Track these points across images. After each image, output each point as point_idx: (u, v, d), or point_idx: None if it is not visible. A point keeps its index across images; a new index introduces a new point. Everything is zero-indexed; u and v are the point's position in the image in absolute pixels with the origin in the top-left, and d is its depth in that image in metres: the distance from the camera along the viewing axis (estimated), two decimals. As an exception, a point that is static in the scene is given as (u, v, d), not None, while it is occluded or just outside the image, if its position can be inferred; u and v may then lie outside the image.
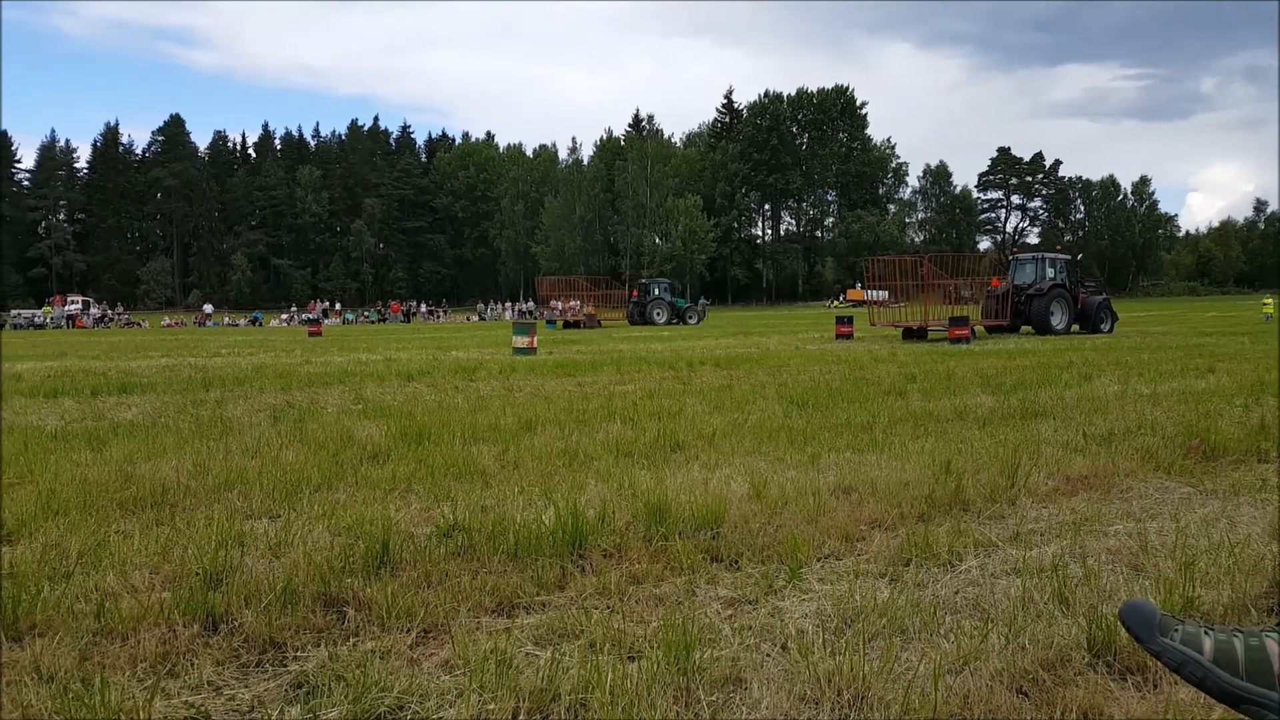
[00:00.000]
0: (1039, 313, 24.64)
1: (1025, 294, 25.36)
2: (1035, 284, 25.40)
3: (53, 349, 24.36)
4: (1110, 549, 3.66)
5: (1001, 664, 2.55)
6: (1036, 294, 25.07)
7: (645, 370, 12.68)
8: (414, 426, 6.79)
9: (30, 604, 2.89)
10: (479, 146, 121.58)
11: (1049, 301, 24.81)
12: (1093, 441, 6.04)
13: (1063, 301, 25.08)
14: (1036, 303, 24.91)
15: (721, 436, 6.30)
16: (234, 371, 13.27)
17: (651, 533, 3.77)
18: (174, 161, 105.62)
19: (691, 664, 2.53)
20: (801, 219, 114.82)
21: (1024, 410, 7.67)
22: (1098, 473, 5.04)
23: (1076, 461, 5.35)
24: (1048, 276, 25.57)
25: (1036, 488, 4.72)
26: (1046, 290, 24.93)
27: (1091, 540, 3.80)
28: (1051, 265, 26.16)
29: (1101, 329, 25.47)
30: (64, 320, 60.50)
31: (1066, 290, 25.28)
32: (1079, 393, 8.95)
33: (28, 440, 6.32)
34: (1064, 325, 24.90)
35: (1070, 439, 6.16)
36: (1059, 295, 25.05)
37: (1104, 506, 4.39)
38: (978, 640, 2.71)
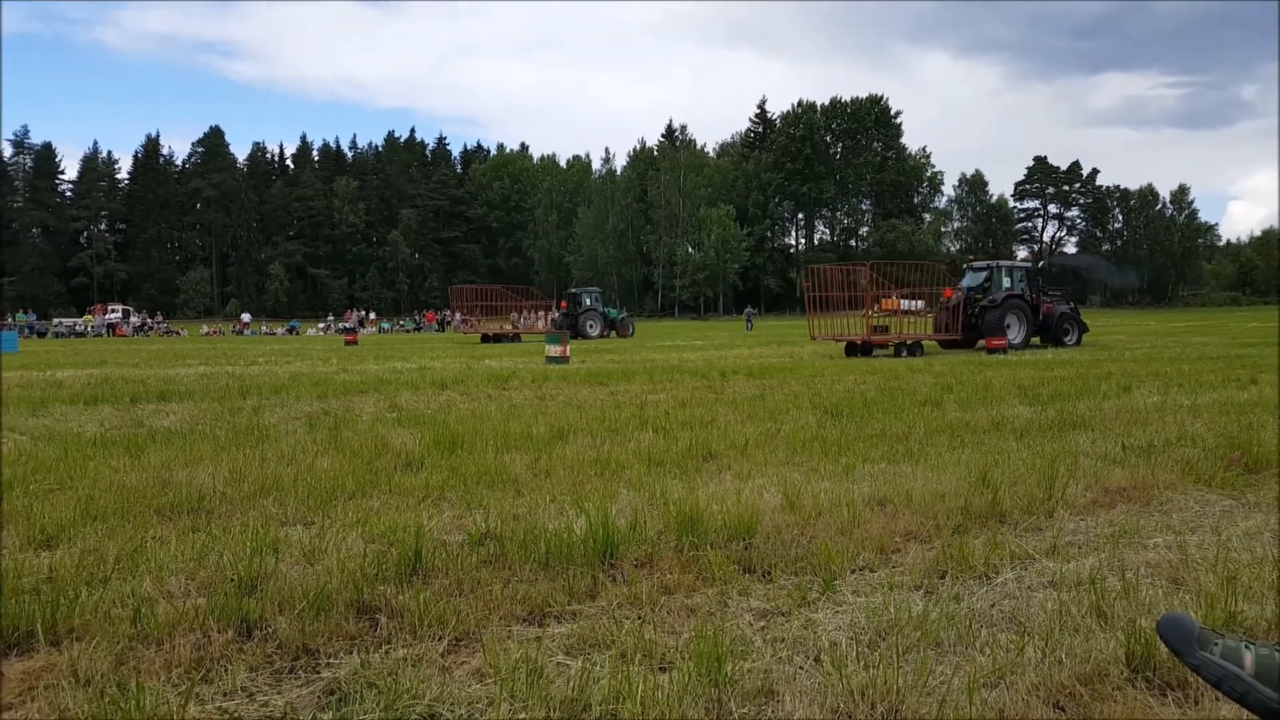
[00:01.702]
0: (991, 326, 22.63)
1: (979, 305, 23.39)
2: (989, 295, 23.53)
3: (93, 357, 24.79)
4: (1149, 562, 3.59)
5: (1038, 678, 2.51)
6: (990, 305, 23.09)
7: (678, 379, 12.66)
8: (447, 435, 6.82)
9: (69, 608, 2.93)
10: (513, 157, 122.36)
11: (1002, 313, 22.94)
12: (1132, 453, 5.94)
13: (1019, 313, 23.34)
14: (989, 315, 22.90)
15: (754, 446, 6.27)
16: (271, 380, 13.42)
17: (683, 543, 3.75)
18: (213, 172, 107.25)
19: (723, 675, 2.51)
20: (835, 228, 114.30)
21: (1062, 421, 7.56)
22: (1137, 485, 4.95)
23: (1115, 473, 5.26)
24: (1003, 286, 23.78)
25: (1074, 500, 4.65)
26: (1000, 301, 23.06)
27: (1130, 553, 3.73)
28: (1008, 274, 24.31)
29: (1065, 341, 23.75)
30: (104, 328, 61.53)
31: (1025, 301, 23.56)
32: (1118, 404, 8.82)
33: (67, 447, 6.42)
34: (1020, 339, 23.06)
35: (1109, 450, 6.06)
36: (1014, 307, 23.29)
37: (1143, 519, 4.32)
38: (1013, 654, 2.66)
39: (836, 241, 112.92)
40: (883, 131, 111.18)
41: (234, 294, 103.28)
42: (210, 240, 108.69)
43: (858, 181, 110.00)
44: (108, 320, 63.65)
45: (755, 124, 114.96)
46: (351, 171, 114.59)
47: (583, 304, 41.71)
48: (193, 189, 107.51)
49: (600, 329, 40.92)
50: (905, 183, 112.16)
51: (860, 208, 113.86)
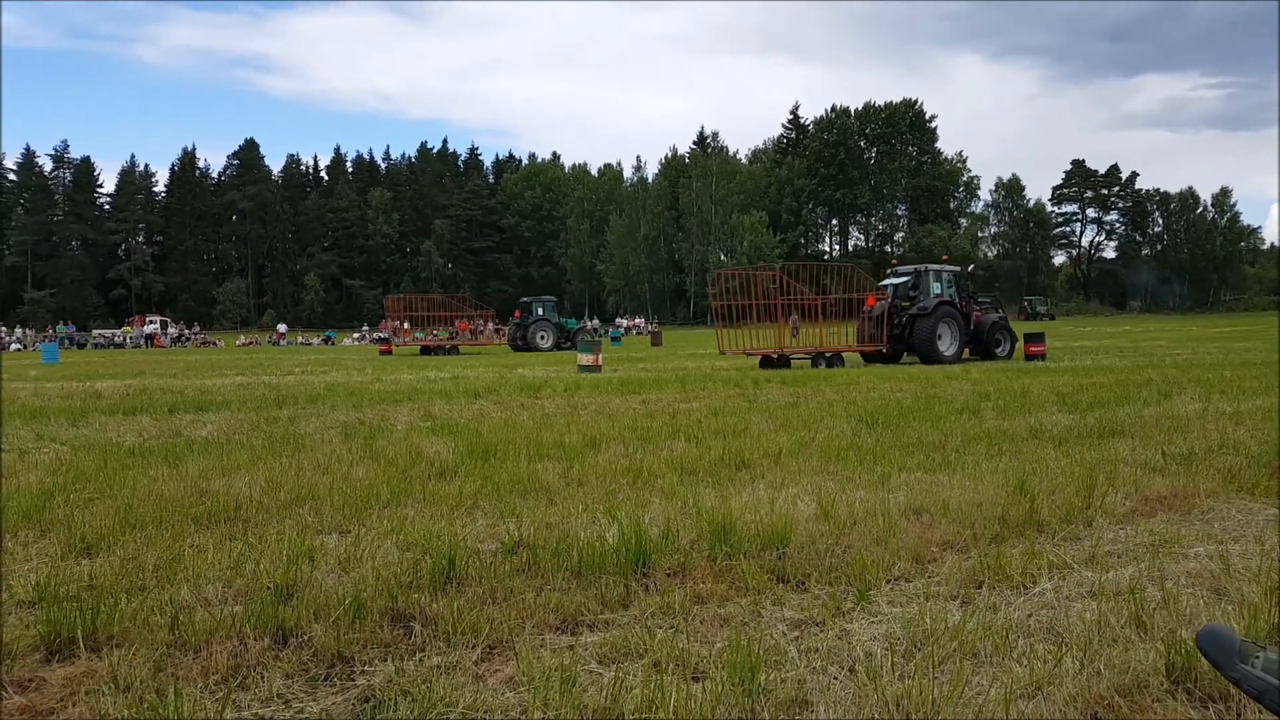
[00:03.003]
0: (922, 336, 20.68)
1: (907, 314, 21.29)
2: (918, 302, 21.37)
3: (132, 368, 25.19)
4: (1190, 572, 3.52)
5: (1075, 689, 2.47)
6: (920, 314, 20.93)
7: (710, 388, 12.64)
8: (480, 443, 6.86)
9: (108, 615, 2.97)
10: (545, 167, 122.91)
11: (934, 323, 20.74)
12: (1172, 461, 5.85)
13: (951, 323, 21.14)
14: (920, 324, 20.82)
15: (788, 455, 6.24)
16: (307, 389, 13.56)
17: (716, 552, 3.74)
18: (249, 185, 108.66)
19: (757, 685, 2.49)
20: (870, 234, 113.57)
21: (1101, 429, 7.46)
22: (1178, 493, 4.87)
23: (1155, 481, 5.18)
24: (932, 293, 21.50)
25: (1113, 508, 4.58)
26: (931, 309, 20.86)
27: (1170, 563, 3.67)
28: (937, 279, 21.97)
29: (997, 353, 21.63)
30: (143, 339, 62.55)
31: (956, 309, 21.40)
32: (1158, 411, 8.68)
33: (107, 456, 6.52)
34: (953, 351, 21.03)
35: (1149, 458, 5.97)
36: (946, 315, 21.06)
37: (1184, 528, 4.25)
38: (1051, 665, 2.62)
39: (871, 247, 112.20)
40: (917, 136, 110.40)
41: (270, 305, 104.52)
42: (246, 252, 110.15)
43: (892, 186, 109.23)
44: (146, 331, 64.72)
45: (788, 130, 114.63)
46: (385, 182, 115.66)
47: (534, 314, 38.71)
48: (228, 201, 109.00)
49: (553, 341, 38.07)
50: (941, 187, 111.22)
51: (895, 213, 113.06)
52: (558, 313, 40.10)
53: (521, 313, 38.98)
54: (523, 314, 38.79)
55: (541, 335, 37.79)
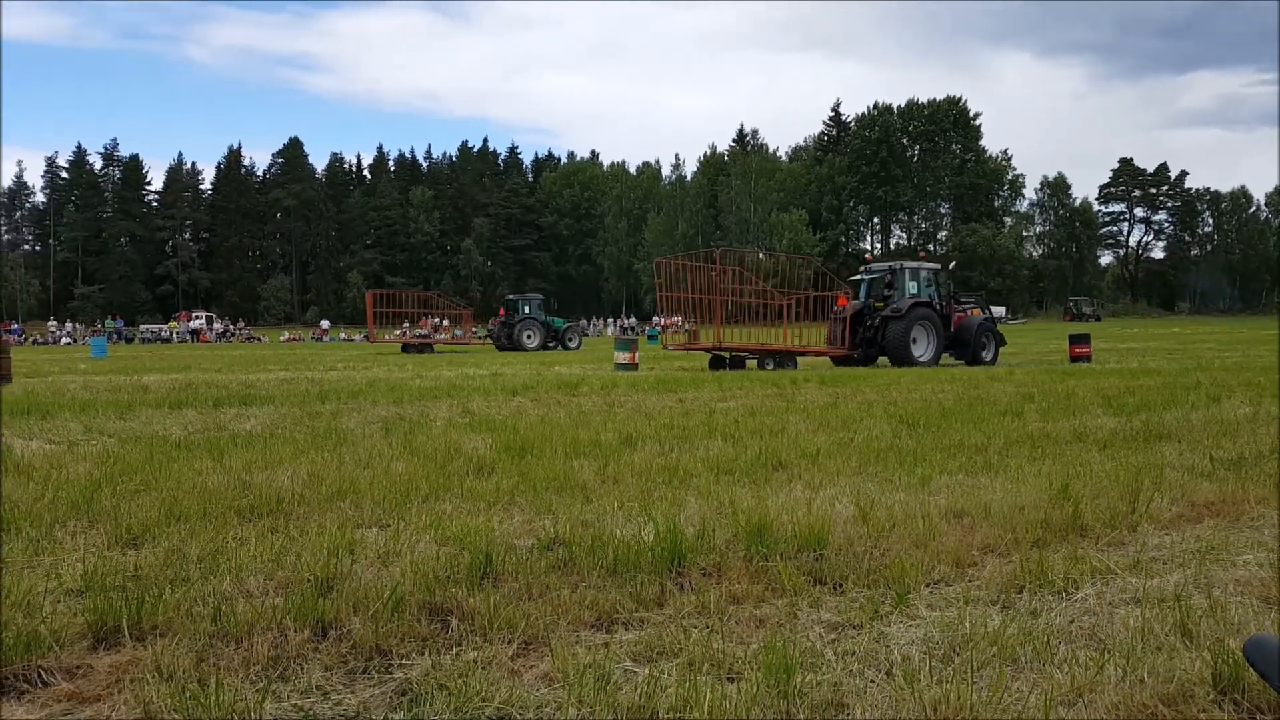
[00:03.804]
0: (895, 339, 19.42)
1: (879, 315, 20.01)
2: (891, 303, 20.15)
3: (178, 362, 25.64)
4: (1239, 580, 3.45)
5: (1118, 697, 2.43)
6: (893, 315, 19.65)
7: (747, 387, 12.59)
8: (518, 440, 6.89)
9: (153, 605, 3.02)
10: (583, 165, 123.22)
11: (908, 325, 19.50)
12: (1221, 466, 5.73)
13: (927, 325, 19.87)
14: (892, 326, 19.55)
15: (826, 456, 6.20)
16: (348, 385, 13.72)
17: (752, 552, 3.72)
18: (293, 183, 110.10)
19: (792, 687, 2.48)
20: (913, 232, 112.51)
21: (1147, 432, 7.33)
22: (1226, 499, 4.77)
23: (1203, 487, 5.08)
24: (908, 292, 20.24)
25: (1159, 514, 4.50)
26: (905, 311, 19.59)
27: (1218, 570, 3.60)
28: (913, 278, 20.65)
29: (982, 358, 20.22)
30: (189, 335, 63.64)
31: (934, 310, 20.16)
32: (1206, 414, 8.51)
33: (153, 449, 6.64)
34: (929, 355, 19.69)
35: (1196, 463, 5.85)
36: (922, 317, 19.81)
37: (1232, 534, 4.16)
38: (1093, 672, 2.58)
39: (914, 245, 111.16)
40: (961, 134, 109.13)
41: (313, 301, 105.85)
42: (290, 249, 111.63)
43: (935, 185, 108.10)
44: (192, 326, 65.85)
45: (829, 127, 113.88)
46: (427, 181, 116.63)
47: (520, 312, 37.33)
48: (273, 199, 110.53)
49: (540, 340, 36.72)
50: (985, 186, 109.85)
51: (939, 211, 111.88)
52: (544, 311, 38.91)
53: (507, 311, 37.83)
54: (508, 312, 37.65)
55: (528, 334, 36.58)
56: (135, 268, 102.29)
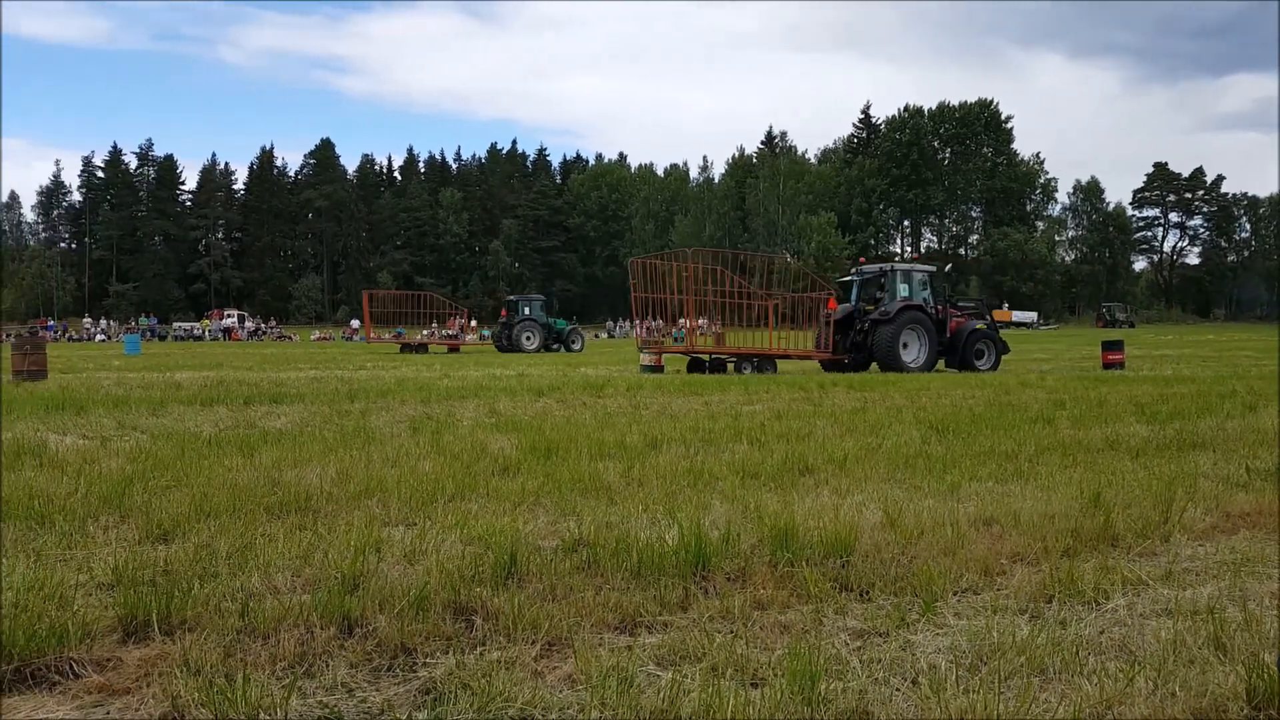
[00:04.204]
0: (883, 344, 18.76)
1: (869, 319, 19.40)
2: (881, 306, 19.51)
3: (210, 360, 25.92)
4: (1275, 592, 3.39)
5: (1148, 710, 2.39)
6: (882, 319, 19.00)
7: (774, 390, 12.55)
8: (543, 441, 6.90)
9: (182, 600, 3.05)
10: (611, 167, 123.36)
11: (897, 330, 18.88)
12: (1257, 476, 5.63)
13: (919, 330, 19.20)
14: (881, 330, 18.90)
15: (854, 461, 6.16)
16: (377, 384, 13.81)
17: (778, 558, 3.70)
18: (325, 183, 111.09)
19: (816, 695, 2.46)
20: (944, 236, 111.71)
21: (1181, 441, 7.23)
22: (1262, 510, 4.69)
23: (1238, 497, 4.99)
24: (898, 295, 19.56)
25: (1193, 524, 4.43)
26: (894, 314, 18.94)
27: (1253, 582, 3.53)
28: (905, 280, 19.93)
29: (978, 365, 19.49)
30: (221, 333, 64.36)
31: (926, 314, 19.45)
32: (1242, 424, 8.37)
33: (184, 446, 6.71)
34: (921, 360, 19.02)
35: (1232, 473, 5.76)
36: (913, 321, 19.15)
37: (1268, 546, 4.09)
38: (1123, 684, 2.54)
39: (945, 249, 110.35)
40: (993, 136, 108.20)
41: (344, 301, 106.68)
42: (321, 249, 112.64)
43: (967, 188, 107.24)
44: (224, 325, 66.57)
45: (859, 129, 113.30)
46: (456, 183, 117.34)
47: (520, 313, 36.89)
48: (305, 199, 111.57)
49: (540, 342, 36.09)
50: (1017, 189, 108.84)
51: (970, 215, 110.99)
52: (546, 312, 38.43)
53: (509, 312, 37.51)
54: (510, 313, 37.29)
55: (527, 336, 36.06)
56: (169, 266, 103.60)
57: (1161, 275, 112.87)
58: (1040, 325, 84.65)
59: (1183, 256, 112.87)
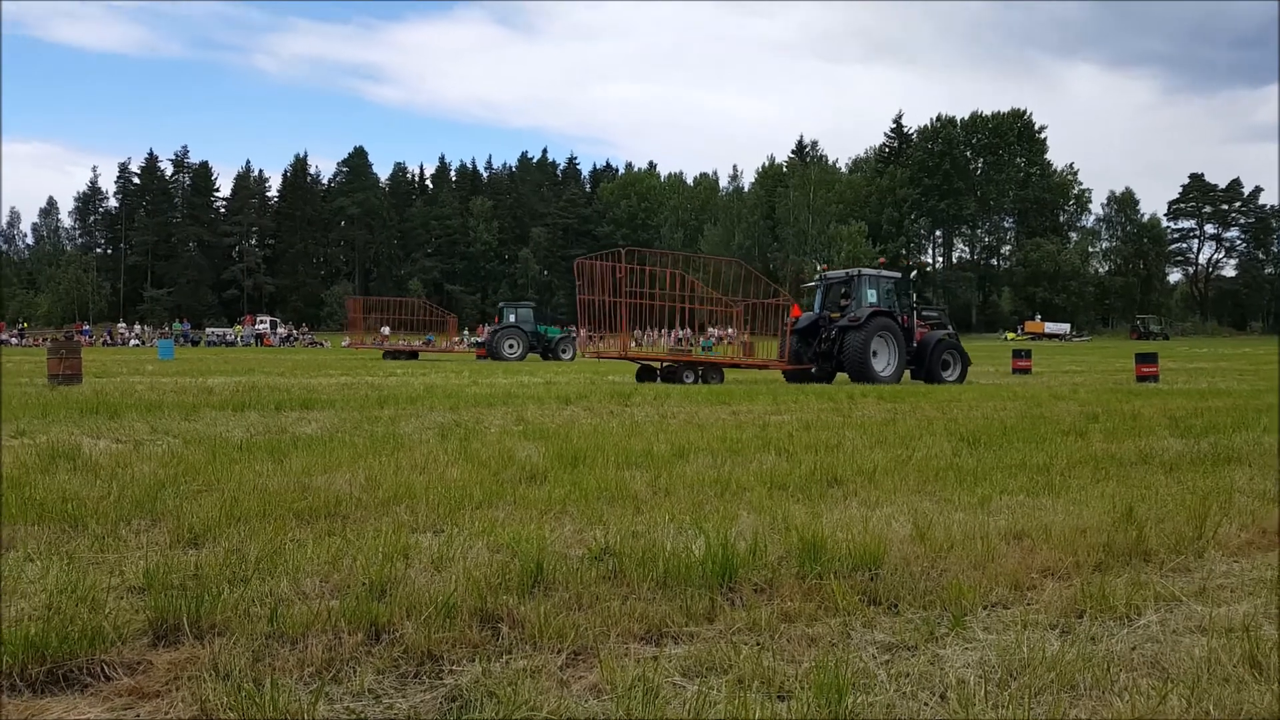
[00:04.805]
0: (853, 352, 17.87)
1: (836, 326, 18.54)
2: (848, 313, 18.57)
3: (242, 365, 26.20)
4: (1314, 612, 3.32)
5: (1184, 730, 2.35)
6: (851, 325, 18.13)
7: (803, 400, 12.50)
8: (570, 449, 6.91)
9: (212, 604, 3.08)
10: (641, 176, 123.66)
11: (867, 338, 17.98)
12: (1295, 492, 5.52)
13: (889, 338, 18.41)
14: (850, 337, 18.00)
15: (883, 473, 6.11)
16: (406, 391, 13.89)
17: (806, 570, 3.68)
18: (357, 191, 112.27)
19: (844, 708, 2.44)
20: (976, 246, 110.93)
21: (1216, 455, 7.11)
22: (1301, 527, 4.60)
23: (1274, 513, 4.90)
24: (866, 301, 18.71)
25: (1227, 540, 4.35)
26: (864, 320, 18.06)
27: (1292, 601, 3.46)
28: (873, 286, 19.10)
29: (944, 377, 18.92)
30: (253, 338, 65.15)
31: (895, 321, 18.64)
32: None
33: (215, 450, 6.78)
34: (891, 370, 18.28)
35: (1268, 488, 5.66)
36: (883, 328, 18.31)
37: (1308, 564, 4.00)
38: (1155, 701, 2.50)
39: (977, 260, 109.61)
40: (1026, 147, 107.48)
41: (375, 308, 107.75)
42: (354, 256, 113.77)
43: (999, 198, 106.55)
44: (256, 331, 67.33)
45: (891, 138, 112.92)
46: (486, 191, 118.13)
47: (505, 320, 35.95)
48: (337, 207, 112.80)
49: (523, 350, 34.91)
50: (1050, 200, 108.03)
51: (1002, 225, 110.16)
52: (538, 319, 37.34)
53: (500, 319, 36.62)
54: (501, 319, 36.38)
55: (509, 344, 34.93)
56: (203, 272, 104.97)
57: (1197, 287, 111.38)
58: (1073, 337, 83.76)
59: (1219, 269, 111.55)
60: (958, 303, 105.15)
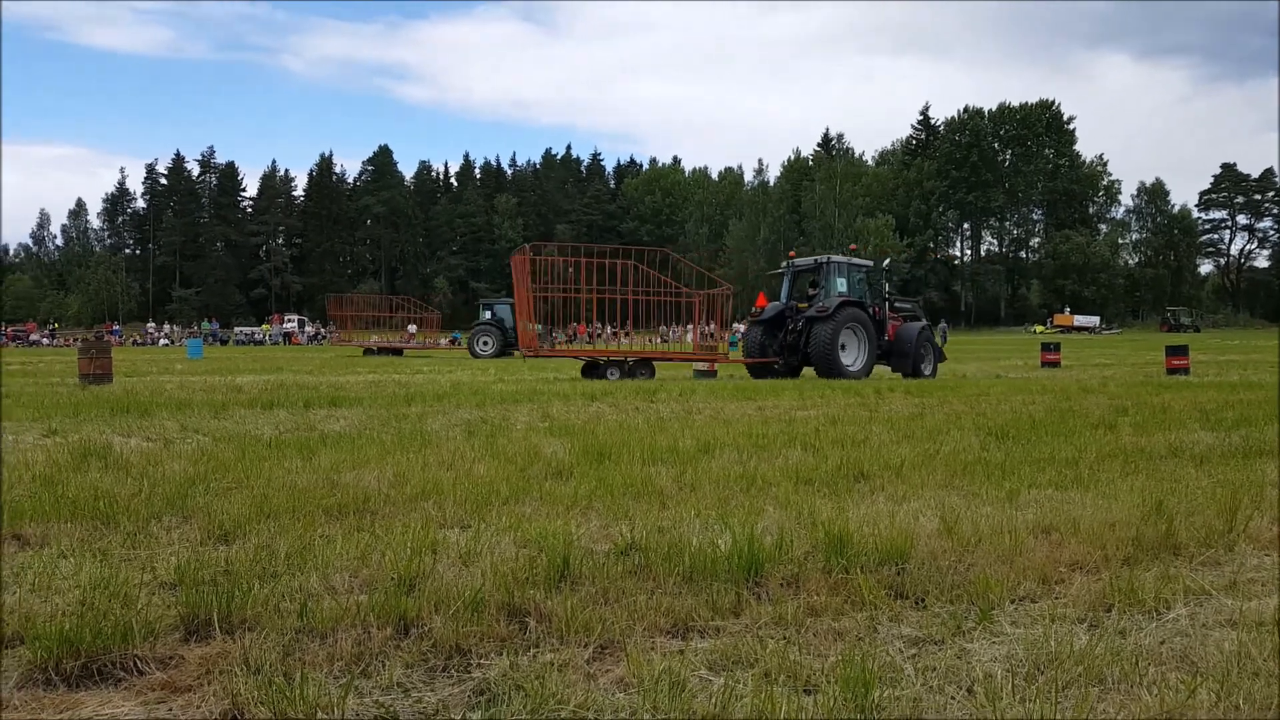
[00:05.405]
0: (821, 344, 16.95)
1: (803, 316, 17.69)
2: (816, 303, 17.71)
3: (270, 363, 26.45)
4: (1348, 606, 3.27)
5: (1213, 724, 2.33)
6: (818, 316, 17.31)
7: (829, 395, 12.45)
8: (596, 445, 6.93)
9: (242, 600, 3.12)
10: (665, 171, 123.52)
11: (835, 329, 17.13)
12: (1330, 485, 5.44)
13: (858, 330, 17.58)
14: (818, 329, 17.13)
15: (910, 468, 6.08)
16: (433, 388, 13.96)
17: (832, 564, 3.67)
18: (383, 190, 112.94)
19: (870, 702, 2.44)
20: (1004, 239, 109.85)
21: (1247, 448, 7.02)
22: (1335, 520, 4.53)
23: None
24: (835, 290, 17.85)
25: (1258, 533, 4.30)
26: (832, 311, 17.23)
27: (1325, 595, 3.42)
28: (842, 274, 18.20)
29: (921, 370, 18.29)
30: (281, 337, 65.69)
31: (865, 312, 17.85)
32: (1314, 431, 8.10)
33: (245, 448, 6.85)
34: (860, 365, 17.47)
35: (1303, 482, 5.57)
36: (852, 319, 17.49)
37: (1342, 558, 3.95)
38: (1184, 695, 2.48)
39: (1005, 252, 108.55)
40: (1055, 138, 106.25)
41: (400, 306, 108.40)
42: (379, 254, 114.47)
43: (1028, 190, 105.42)
44: (284, 329, 67.90)
45: (918, 130, 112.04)
46: (511, 188, 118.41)
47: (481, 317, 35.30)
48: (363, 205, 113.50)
49: (497, 347, 33.97)
50: (1080, 192, 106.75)
51: (1031, 217, 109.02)
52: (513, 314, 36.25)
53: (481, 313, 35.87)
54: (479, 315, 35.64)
55: (483, 341, 34.38)
56: (230, 271, 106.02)
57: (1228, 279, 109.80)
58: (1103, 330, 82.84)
59: (1251, 259, 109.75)
60: (986, 296, 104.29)
